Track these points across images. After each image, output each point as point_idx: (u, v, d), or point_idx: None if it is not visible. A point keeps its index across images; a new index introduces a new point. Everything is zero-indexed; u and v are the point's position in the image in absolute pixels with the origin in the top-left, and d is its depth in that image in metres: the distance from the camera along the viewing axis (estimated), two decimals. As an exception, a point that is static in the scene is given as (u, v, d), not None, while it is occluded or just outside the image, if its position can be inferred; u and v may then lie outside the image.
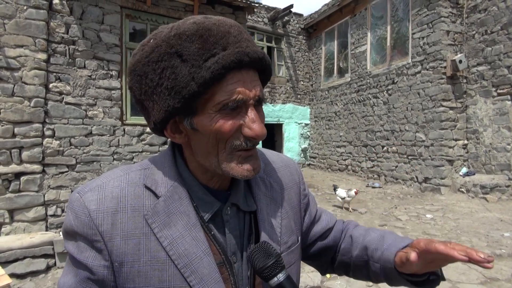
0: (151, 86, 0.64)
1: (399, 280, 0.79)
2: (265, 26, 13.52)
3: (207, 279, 0.65)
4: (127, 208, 0.66)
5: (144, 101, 0.67)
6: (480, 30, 8.24)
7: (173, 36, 0.62)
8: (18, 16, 4.81)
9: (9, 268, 3.87)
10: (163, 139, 6.06)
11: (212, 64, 0.60)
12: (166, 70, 0.62)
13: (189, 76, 0.60)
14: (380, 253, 0.82)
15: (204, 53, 0.60)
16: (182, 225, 0.67)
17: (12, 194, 4.74)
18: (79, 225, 0.64)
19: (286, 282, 0.64)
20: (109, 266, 0.64)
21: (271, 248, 0.67)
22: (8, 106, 4.70)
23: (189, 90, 0.61)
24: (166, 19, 6.24)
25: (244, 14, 7.14)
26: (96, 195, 0.66)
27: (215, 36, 0.61)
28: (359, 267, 0.89)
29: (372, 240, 0.87)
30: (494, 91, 7.95)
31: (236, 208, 0.75)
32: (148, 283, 0.64)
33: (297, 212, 0.87)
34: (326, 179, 11.65)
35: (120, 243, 0.64)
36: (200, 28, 0.62)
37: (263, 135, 0.66)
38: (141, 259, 0.64)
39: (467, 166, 8.59)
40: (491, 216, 6.50)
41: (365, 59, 11.29)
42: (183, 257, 0.65)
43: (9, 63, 4.72)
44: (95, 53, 5.45)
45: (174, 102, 0.62)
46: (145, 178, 0.70)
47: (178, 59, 0.61)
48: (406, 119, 9.55)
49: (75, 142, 5.26)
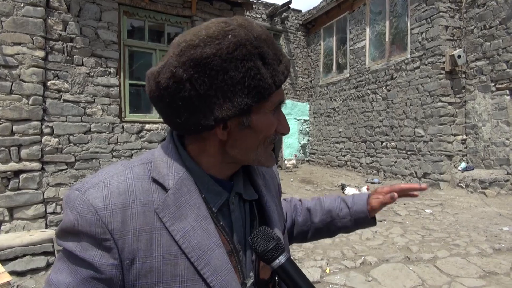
0: (230, 83, 0.63)
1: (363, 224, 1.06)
2: (263, 22, 13.47)
3: (220, 270, 0.66)
4: (137, 203, 0.65)
5: (211, 97, 0.64)
6: (478, 25, 8.22)
7: (254, 37, 0.64)
8: (15, 13, 4.78)
9: (9, 266, 3.87)
10: (162, 137, 6.06)
11: (283, 69, 0.69)
12: (251, 70, 0.63)
13: (271, 78, 0.66)
14: (347, 210, 1.05)
15: (277, 58, 0.68)
16: (193, 218, 0.67)
17: (12, 192, 4.74)
18: (84, 223, 0.62)
19: (287, 263, 0.65)
20: (117, 264, 0.63)
21: (271, 232, 0.69)
22: (6, 104, 4.69)
23: (270, 92, 0.66)
24: (164, 15, 6.23)
25: (242, 10, 7.11)
26: (100, 191, 0.64)
27: (274, 43, 0.70)
28: (320, 229, 1.09)
29: (332, 203, 1.09)
30: (493, 86, 7.95)
31: (239, 198, 0.77)
32: (161, 278, 0.64)
33: (280, 200, 0.95)
34: (325, 175, 11.67)
35: (132, 240, 0.63)
36: (265, 33, 0.68)
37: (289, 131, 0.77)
38: (153, 255, 0.64)
39: (466, 161, 8.60)
40: (490, 210, 6.52)
41: (363, 55, 11.28)
42: (196, 249, 0.65)
43: (6, 61, 4.70)
44: (93, 50, 5.43)
45: (253, 100, 0.65)
46: (151, 171, 0.69)
47: (260, 61, 0.65)
48: (405, 115, 9.56)
49: (74, 140, 5.25)
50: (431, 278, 3.76)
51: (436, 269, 3.98)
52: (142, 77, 6.23)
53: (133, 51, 6.07)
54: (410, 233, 5.32)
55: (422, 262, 4.20)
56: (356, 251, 4.57)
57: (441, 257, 4.31)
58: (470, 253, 4.43)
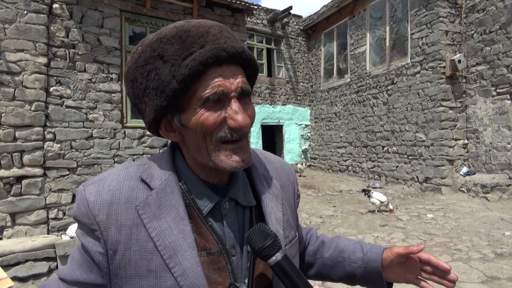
0: (141, 89, 0.69)
1: (376, 279, 0.91)
2: (264, 28, 13.55)
3: (189, 272, 0.67)
4: (121, 200, 0.70)
5: (138, 104, 0.73)
6: (478, 30, 8.26)
7: (155, 40, 0.67)
8: (19, 20, 4.83)
9: (11, 271, 3.88)
10: (163, 142, 6.08)
11: (190, 61, 0.64)
12: (151, 72, 0.67)
13: (170, 75, 0.65)
14: (361, 254, 0.95)
15: (183, 53, 0.65)
16: (171, 218, 0.69)
17: (14, 198, 4.75)
18: (80, 214, 0.70)
19: (283, 260, 0.66)
20: (104, 253, 0.68)
21: (268, 229, 0.69)
22: (9, 110, 4.73)
23: (171, 88, 0.65)
24: (166, 22, 6.27)
25: (243, 16, 7.16)
26: (95, 187, 0.71)
27: (193, 37, 0.66)
28: (327, 266, 1.00)
29: (348, 244, 0.99)
30: (493, 90, 7.96)
31: (235, 203, 0.77)
32: (137, 271, 0.67)
33: (293, 209, 0.91)
34: (326, 180, 11.66)
35: (115, 233, 0.68)
36: (179, 30, 0.66)
37: (247, 125, 0.68)
38: (132, 248, 0.68)
39: (468, 165, 8.59)
40: (492, 215, 6.50)
41: (364, 60, 11.31)
42: (169, 248, 0.67)
43: (9, 67, 4.74)
44: (95, 56, 5.48)
45: (161, 101, 0.67)
46: (142, 172, 0.74)
47: (160, 61, 0.66)
48: (406, 119, 9.57)
49: (76, 145, 5.28)
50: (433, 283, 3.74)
51: (438, 274, 3.97)
52: (143, 83, 6.25)
53: (135, 57, 6.10)
54: (412, 238, 5.31)
55: (424, 267, 4.18)
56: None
57: (443, 262, 4.29)
58: (472, 258, 4.42)
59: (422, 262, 0.87)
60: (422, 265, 0.88)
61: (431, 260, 0.85)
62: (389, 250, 0.90)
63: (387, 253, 0.90)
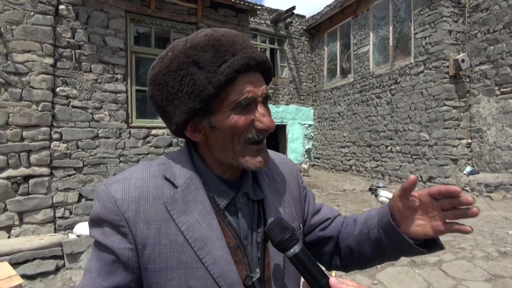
0: (172, 92, 0.73)
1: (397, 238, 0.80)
2: (267, 28, 13.58)
3: (220, 260, 0.72)
4: (149, 197, 0.74)
5: (166, 106, 0.76)
6: (482, 29, 8.25)
7: (189, 48, 0.71)
8: (26, 22, 4.89)
9: (19, 269, 3.93)
10: (168, 142, 6.13)
11: (225, 69, 0.69)
12: (185, 78, 0.71)
13: (206, 80, 0.70)
14: (377, 216, 0.87)
15: (218, 60, 0.70)
16: (198, 212, 0.74)
17: (21, 197, 4.81)
18: (106, 212, 0.72)
19: (301, 252, 0.70)
20: (133, 248, 0.72)
21: (287, 223, 0.74)
22: (17, 110, 4.78)
23: (207, 93, 0.70)
24: (170, 22, 6.32)
25: (247, 17, 7.19)
26: (121, 185, 0.74)
27: (225, 45, 0.71)
28: (361, 243, 0.90)
29: (373, 211, 0.93)
30: (497, 89, 7.95)
31: (247, 197, 0.83)
32: (167, 264, 0.72)
33: (298, 202, 0.95)
34: (330, 179, 11.67)
35: (143, 228, 0.72)
36: (211, 39, 0.71)
37: (273, 127, 0.75)
38: (162, 242, 0.72)
39: (471, 165, 8.59)
40: (496, 214, 6.51)
41: (367, 60, 11.32)
42: (199, 240, 0.73)
43: (17, 68, 4.80)
44: (100, 57, 5.53)
45: (195, 104, 0.72)
46: (165, 171, 0.78)
47: (195, 67, 0.70)
48: (409, 119, 9.57)
49: (82, 145, 5.33)
50: (437, 281, 3.77)
51: (442, 273, 3.99)
52: (148, 83, 6.29)
53: (139, 57, 6.16)
54: (416, 237, 5.32)
55: (428, 265, 4.21)
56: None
57: (447, 261, 4.32)
58: (476, 256, 4.43)
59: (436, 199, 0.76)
60: (440, 203, 0.75)
61: (441, 190, 0.73)
62: (391, 199, 0.83)
63: (391, 203, 0.83)
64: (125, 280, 0.73)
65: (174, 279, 0.71)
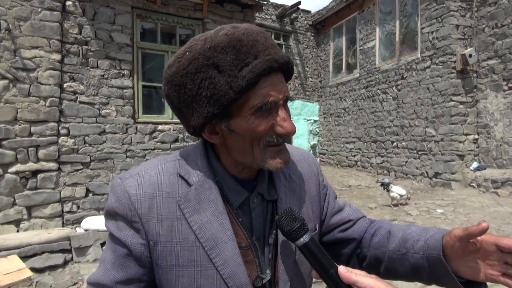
0: (190, 95, 0.70)
1: (442, 273, 0.73)
2: (273, 24, 13.54)
3: (230, 262, 0.72)
4: (163, 194, 0.74)
5: (183, 108, 0.74)
6: (490, 24, 8.17)
7: (208, 48, 0.67)
8: (33, 18, 4.92)
9: (28, 263, 3.98)
10: (174, 137, 6.16)
11: (247, 73, 0.66)
12: (204, 81, 0.67)
13: (226, 85, 0.66)
14: (422, 242, 0.79)
15: (239, 63, 0.66)
16: (210, 212, 0.74)
17: (30, 191, 4.87)
18: (120, 207, 0.73)
19: (310, 242, 0.70)
20: (145, 244, 0.73)
21: (296, 213, 0.73)
22: (25, 106, 4.83)
23: (228, 98, 0.67)
24: (176, 18, 6.33)
25: (253, 12, 7.18)
26: (136, 181, 0.75)
27: (246, 46, 0.67)
28: (393, 260, 0.84)
29: (414, 232, 0.84)
30: (505, 85, 7.89)
31: (261, 197, 0.81)
32: (178, 262, 0.72)
33: (315, 201, 0.93)
34: (335, 175, 11.67)
35: (156, 225, 0.72)
36: (232, 39, 0.67)
37: (294, 131, 0.73)
38: (173, 240, 0.72)
39: (478, 160, 8.54)
40: (502, 210, 6.47)
41: (373, 55, 11.26)
42: (210, 240, 0.72)
43: (25, 64, 4.84)
44: (107, 53, 5.56)
45: (214, 109, 0.69)
46: (179, 168, 0.78)
47: (215, 70, 0.66)
48: (415, 114, 9.52)
49: (89, 140, 5.38)
50: None
51: (448, 268, 3.99)
52: (154, 79, 6.34)
53: (146, 53, 6.18)
54: (421, 233, 5.32)
55: (434, 260, 4.20)
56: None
57: (453, 256, 4.31)
58: (482, 252, 4.42)
59: (504, 251, 0.66)
60: (506, 256, 0.66)
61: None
62: (448, 234, 0.73)
63: (446, 238, 0.73)
64: (137, 273, 0.74)
65: (184, 277, 0.72)
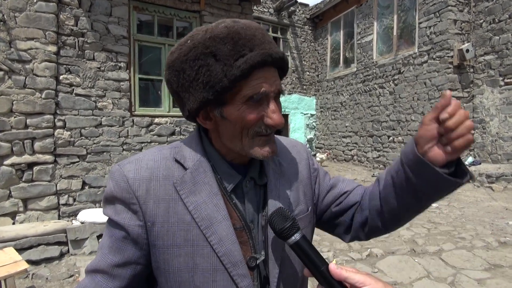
0: (188, 80, 0.75)
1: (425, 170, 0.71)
2: (270, 17, 13.48)
3: (225, 240, 0.76)
4: (159, 176, 0.78)
5: (180, 92, 0.78)
6: (487, 19, 8.18)
7: (208, 38, 0.72)
8: (29, 9, 4.87)
9: (24, 255, 3.99)
10: (171, 130, 6.15)
11: (242, 63, 0.70)
12: (202, 68, 0.72)
13: (222, 73, 0.71)
14: (399, 158, 0.80)
15: (235, 54, 0.71)
16: (205, 193, 0.78)
17: (26, 184, 4.86)
18: (119, 190, 0.77)
19: (302, 240, 0.72)
20: (142, 225, 0.77)
21: (288, 212, 0.76)
22: (21, 98, 4.80)
23: (221, 85, 0.71)
24: (173, 10, 6.28)
25: (250, 5, 7.14)
26: (133, 166, 0.79)
27: (244, 39, 0.72)
28: (388, 197, 0.84)
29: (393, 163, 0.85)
30: (501, 80, 7.92)
31: (254, 182, 0.85)
32: (175, 241, 0.76)
33: (307, 184, 0.95)
34: (332, 169, 11.71)
35: (153, 206, 0.76)
36: (231, 31, 0.72)
37: (282, 123, 0.78)
38: (170, 220, 0.76)
39: (473, 155, 8.60)
40: (497, 205, 6.53)
41: (371, 49, 11.25)
42: (206, 220, 0.76)
43: (20, 55, 4.80)
44: (103, 45, 5.51)
45: (208, 94, 0.73)
46: (175, 154, 0.82)
47: (213, 59, 0.71)
48: (412, 109, 9.55)
49: (85, 133, 5.35)
50: (436, 270, 3.82)
51: (442, 262, 4.04)
52: (151, 71, 6.31)
53: (142, 45, 6.14)
54: (416, 227, 5.37)
55: (428, 254, 4.25)
56: (362, 243, 4.64)
57: (447, 250, 4.36)
58: (476, 246, 4.48)
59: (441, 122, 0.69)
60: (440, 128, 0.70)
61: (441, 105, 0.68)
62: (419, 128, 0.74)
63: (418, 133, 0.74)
64: (134, 256, 0.77)
65: (181, 256, 0.75)
